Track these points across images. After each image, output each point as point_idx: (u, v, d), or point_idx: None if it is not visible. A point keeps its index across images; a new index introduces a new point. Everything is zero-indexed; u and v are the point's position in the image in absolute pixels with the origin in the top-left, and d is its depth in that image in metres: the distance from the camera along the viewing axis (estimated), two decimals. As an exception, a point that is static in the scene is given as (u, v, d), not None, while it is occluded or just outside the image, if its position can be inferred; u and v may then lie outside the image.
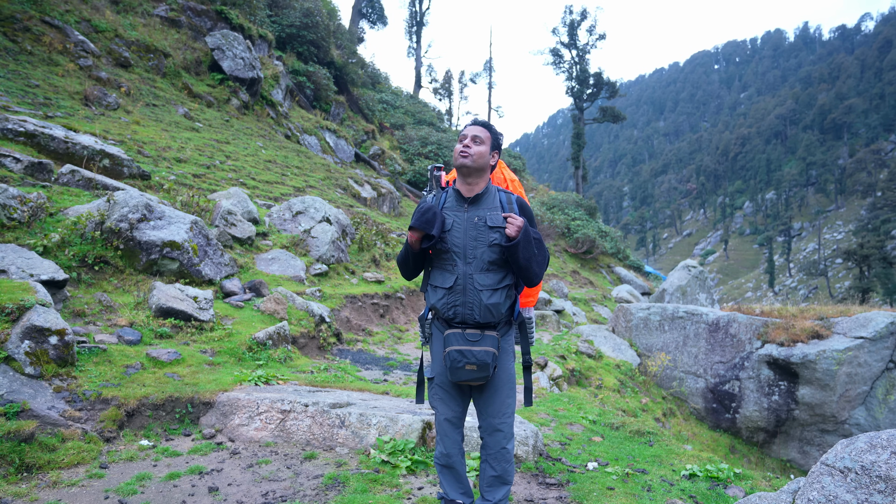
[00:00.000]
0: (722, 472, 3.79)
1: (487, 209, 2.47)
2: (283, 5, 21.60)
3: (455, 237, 2.43)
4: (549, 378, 6.94)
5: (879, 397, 7.30)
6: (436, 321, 2.57)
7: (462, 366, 2.35)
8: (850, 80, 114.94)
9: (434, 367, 2.55)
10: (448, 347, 2.39)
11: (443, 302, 2.43)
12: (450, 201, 2.52)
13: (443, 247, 2.43)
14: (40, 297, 3.96)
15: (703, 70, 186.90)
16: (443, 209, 2.48)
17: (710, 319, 8.79)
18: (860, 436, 1.97)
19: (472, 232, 2.43)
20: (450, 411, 2.52)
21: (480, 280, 2.40)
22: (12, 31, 11.13)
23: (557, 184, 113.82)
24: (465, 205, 2.48)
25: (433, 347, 2.58)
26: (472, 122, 2.56)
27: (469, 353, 2.35)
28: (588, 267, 22.75)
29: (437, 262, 2.49)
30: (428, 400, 2.62)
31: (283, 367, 5.20)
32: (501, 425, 2.50)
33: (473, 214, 2.45)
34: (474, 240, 2.42)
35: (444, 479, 2.56)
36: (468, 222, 2.44)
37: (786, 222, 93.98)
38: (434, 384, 2.54)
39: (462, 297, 2.40)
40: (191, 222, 6.39)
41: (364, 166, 20.46)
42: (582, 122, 37.96)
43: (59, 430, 3.28)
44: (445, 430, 2.52)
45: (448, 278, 2.42)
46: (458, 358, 2.35)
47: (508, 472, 2.52)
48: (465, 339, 2.38)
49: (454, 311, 2.42)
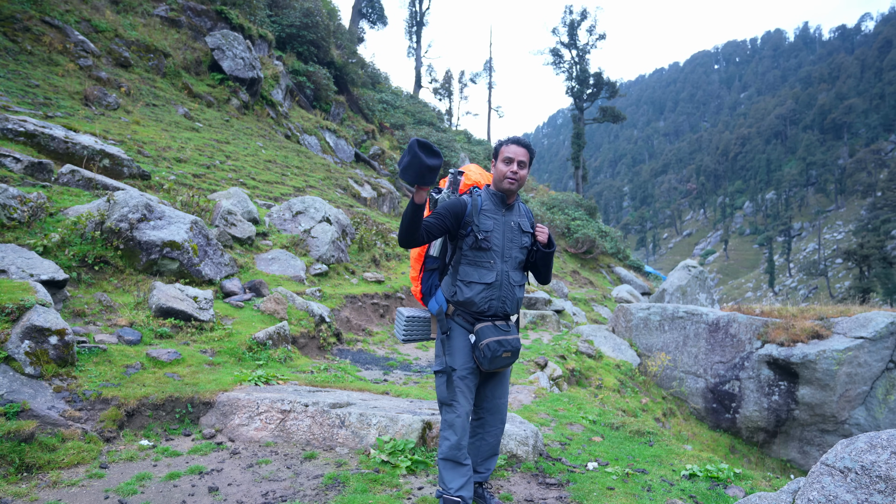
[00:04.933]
0: (722, 472, 3.78)
1: (517, 216, 2.79)
2: (283, 5, 21.59)
3: (496, 238, 2.68)
4: (549, 378, 6.94)
5: (879, 397, 7.30)
6: (456, 316, 2.70)
7: (500, 354, 2.59)
8: (850, 80, 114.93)
9: (457, 361, 2.65)
10: (486, 339, 2.58)
11: (481, 296, 2.64)
12: (487, 205, 2.73)
13: (485, 245, 2.64)
14: (40, 297, 3.96)
15: (703, 70, 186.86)
16: (482, 211, 2.69)
17: (710, 319, 8.79)
18: (860, 436, 1.97)
19: (509, 234, 2.72)
20: (469, 404, 2.66)
21: (514, 277, 2.72)
22: (12, 31, 11.12)
23: (557, 184, 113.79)
24: (503, 210, 2.74)
25: (454, 342, 2.67)
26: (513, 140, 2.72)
27: (506, 342, 2.61)
28: (588, 267, 22.75)
29: (472, 259, 2.66)
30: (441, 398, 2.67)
31: (283, 367, 5.20)
32: (504, 405, 2.84)
33: (510, 220, 2.75)
34: (511, 241, 2.72)
35: (449, 474, 2.59)
36: (506, 226, 2.72)
37: (786, 222, 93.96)
38: (456, 378, 2.62)
39: (499, 291, 2.67)
40: (191, 222, 6.39)
41: (364, 166, 20.46)
42: (582, 122, 37.96)
43: (59, 430, 3.28)
44: (464, 423, 2.61)
45: (487, 275, 2.65)
46: (497, 348, 2.58)
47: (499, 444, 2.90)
48: (498, 330, 2.63)
49: (489, 305, 2.65)
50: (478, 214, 2.67)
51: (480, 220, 2.66)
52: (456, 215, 2.66)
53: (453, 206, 2.67)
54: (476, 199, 2.72)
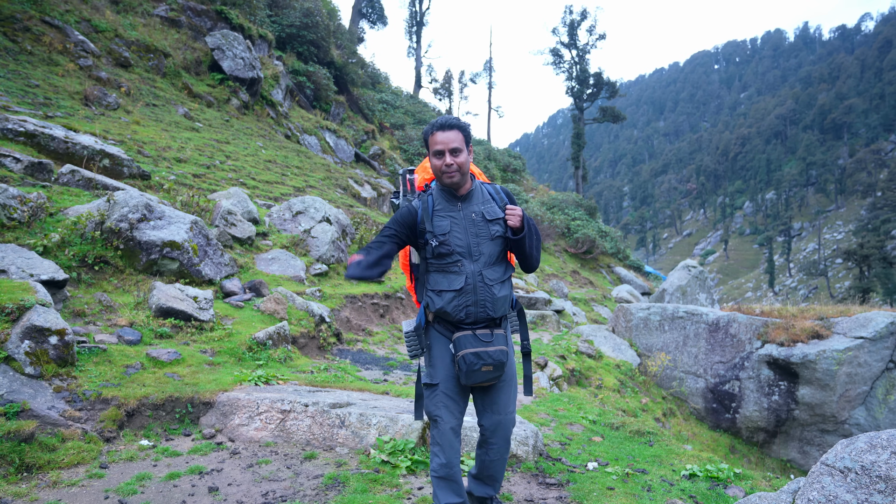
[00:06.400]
0: (722, 472, 3.78)
1: (480, 203, 2.45)
2: (283, 5, 21.59)
3: (457, 237, 2.37)
4: (549, 378, 6.94)
5: (879, 397, 7.30)
6: (435, 326, 2.46)
7: (478, 368, 2.30)
8: (850, 80, 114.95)
9: (437, 374, 2.41)
10: (461, 351, 2.31)
11: (453, 305, 2.35)
12: (440, 202, 2.43)
13: (445, 249, 2.35)
14: (40, 297, 3.96)
15: (703, 70, 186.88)
16: (434, 213, 2.41)
17: (710, 319, 8.79)
18: (860, 436, 1.97)
19: (472, 229, 2.39)
20: (454, 419, 2.39)
21: (489, 275, 2.38)
22: (12, 31, 11.12)
23: (557, 184, 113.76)
24: (457, 203, 2.43)
25: (434, 353, 2.44)
26: (438, 125, 2.38)
27: (485, 354, 2.30)
28: (588, 267, 22.75)
29: (438, 266, 2.39)
30: (427, 410, 2.45)
31: (283, 367, 5.20)
32: (508, 422, 2.48)
33: (469, 211, 2.42)
34: (476, 236, 2.39)
35: (441, 491, 2.38)
36: (466, 220, 2.40)
37: (786, 222, 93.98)
38: (437, 391, 2.39)
39: (473, 296, 2.35)
40: (191, 222, 6.39)
41: (364, 166, 20.45)
42: (582, 122, 37.97)
43: (59, 430, 3.28)
44: (450, 440, 2.36)
45: (455, 280, 2.35)
46: (475, 361, 2.29)
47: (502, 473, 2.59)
48: (477, 340, 2.33)
49: (466, 312, 2.35)
50: (430, 219, 2.39)
51: (434, 224, 2.38)
52: (408, 226, 2.40)
53: (402, 217, 2.41)
54: (426, 201, 2.44)
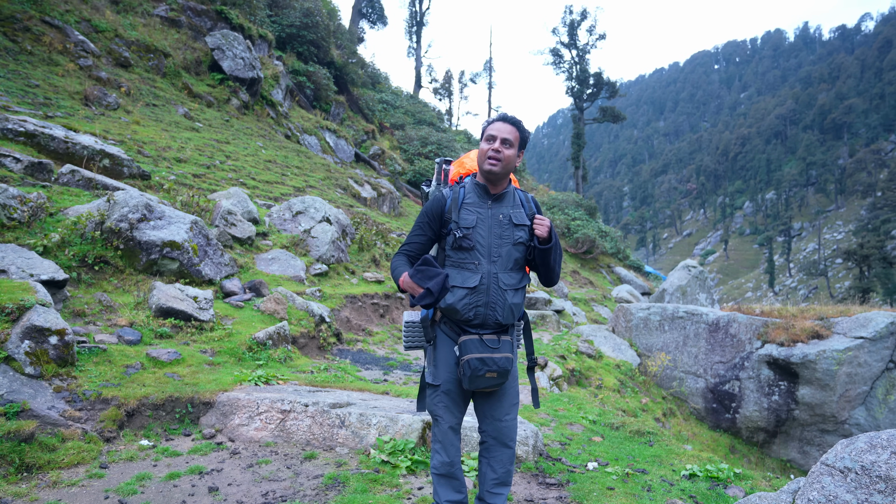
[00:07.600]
0: (722, 472, 3.79)
1: (509, 206, 2.42)
2: (283, 5, 21.59)
3: (479, 235, 2.34)
4: (549, 378, 6.95)
5: (879, 397, 7.30)
6: (441, 326, 2.41)
7: (483, 374, 2.27)
8: (850, 80, 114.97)
9: (440, 374, 2.39)
10: (467, 355, 2.27)
11: (464, 302, 2.30)
12: (471, 197, 2.41)
13: (466, 244, 2.32)
14: (40, 297, 3.96)
15: (703, 70, 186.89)
16: (463, 205, 2.39)
17: (710, 319, 8.79)
18: (860, 436, 1.97)
19: (496, 230, 2.36)
20: (454, 419, 2.40)
21: (505, 279, 2.34)
22: (12, 31, 11.12)
23: (557, 184, 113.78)
24: (488, 201, 2.40)
25: (438, 353, 2.41)
26: (499, 117, 2.40)
27: (490, 360, 2.27)
28: (588, 267, 22.75)
29: (455, 260, 2.35)
30: (428, 408, 2.46)
31: (283, 367, 5.20)
32: (508, 428, 2.44)
33: (497, 212, 2.39)
34: (499, 237, 2.36)
35: (441, 488, 2.40)
36: (493, 219, 2.37)
37: (786, 222, 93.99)
38: (439, 392, 2.39)
39: (486, 296, 2.31)
40: (191, 222, 6.39)
41: (364, 166, 20.45)
42: (582, 122, 37.96)
43: (59, 430, 3.28)
44: (450, 438, 2.39)
45: (470, 277, 2.31)
46: (480, 366, 2.25)
47: (510, 473, 2.48)
48: (484, 345, 2.29)
49: (475, 312, 2.31)
50: (457, 209, 2.37)
51: (461, 216, 2.35)
52: (436, 216, 2.39)
53: (431, 207, 2.41)
54: (458, 192, 2.41)
